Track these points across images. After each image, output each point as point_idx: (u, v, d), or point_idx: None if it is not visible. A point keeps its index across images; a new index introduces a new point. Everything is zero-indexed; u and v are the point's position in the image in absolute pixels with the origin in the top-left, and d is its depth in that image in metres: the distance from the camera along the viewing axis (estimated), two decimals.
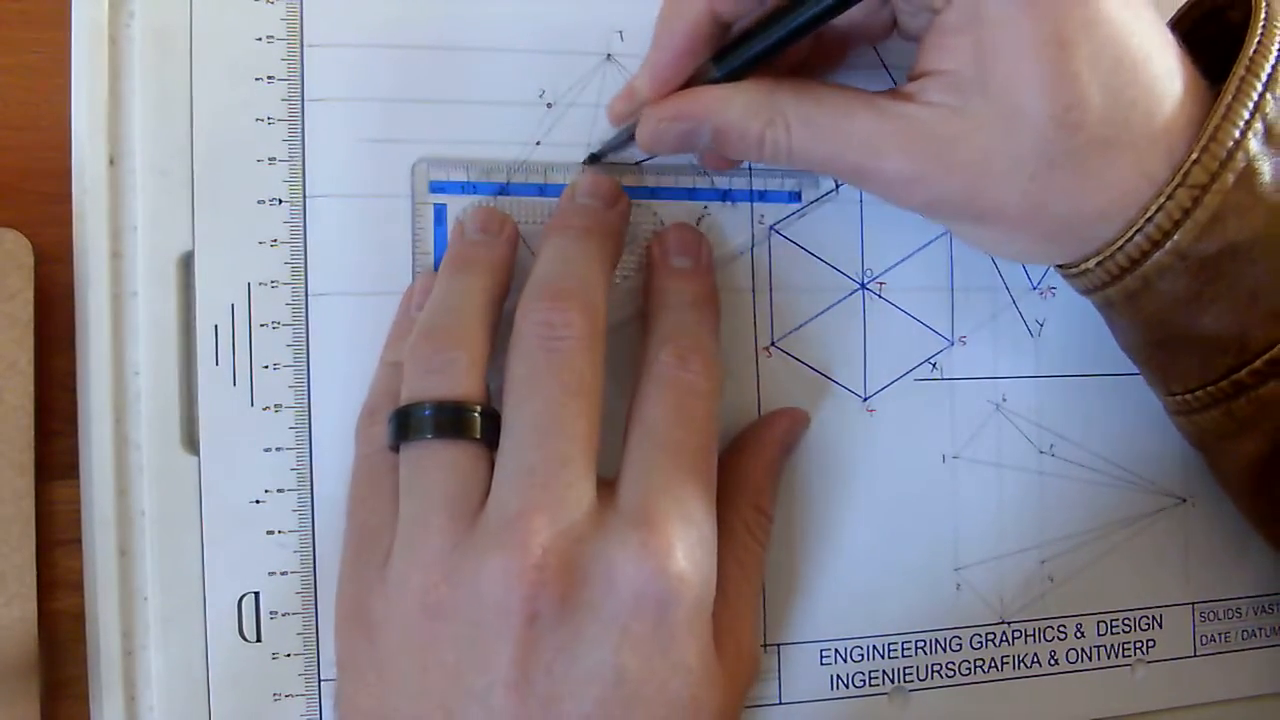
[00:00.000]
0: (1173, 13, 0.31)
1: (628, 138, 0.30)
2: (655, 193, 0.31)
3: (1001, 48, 0.25)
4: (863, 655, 0.33)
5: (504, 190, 0.30)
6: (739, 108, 0.27)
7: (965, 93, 0.26)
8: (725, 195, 0.32)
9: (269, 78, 0.29)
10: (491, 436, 0.25)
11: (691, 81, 0.28)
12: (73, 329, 0.28)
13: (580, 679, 0.24)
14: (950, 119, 0.26)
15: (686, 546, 0.25)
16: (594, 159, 0.30)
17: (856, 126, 0.27)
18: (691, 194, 0.31)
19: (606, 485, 0.26)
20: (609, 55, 0.31)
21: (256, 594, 0.29)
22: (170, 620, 0.28)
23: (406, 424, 0.26)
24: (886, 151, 0.27)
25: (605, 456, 0.26)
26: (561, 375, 0.25)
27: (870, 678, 0.33)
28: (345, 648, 0.26)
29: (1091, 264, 0.28)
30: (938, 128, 0.26)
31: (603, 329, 0.26)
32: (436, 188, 0.30)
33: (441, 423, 0.25)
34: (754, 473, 0.30)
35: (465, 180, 0.30)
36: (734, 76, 0.28)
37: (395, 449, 0.26)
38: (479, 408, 0.25)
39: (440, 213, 0.30)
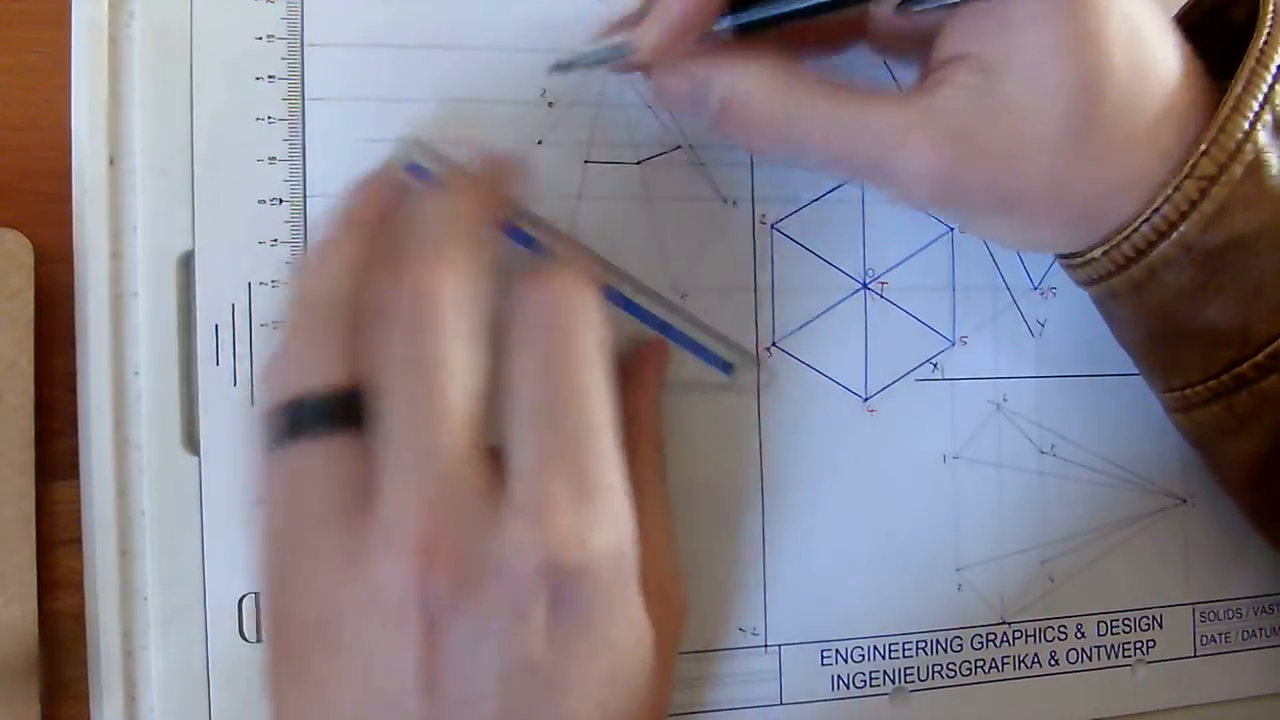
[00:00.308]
0: (1173, 12, 0.31)
1: (603, 61, 0.27)
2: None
3: (1029, 20, 0.25)
4: (863, 655, 0.33)
5: None
6: (753, 78, 0.26)
7: (991, 73, 0.26)
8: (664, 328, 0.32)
9: (269, 77, 0.29)
10: (360, 418, 0.23)
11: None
12: (73, 329, 0.28)
13: (491, 676, 0.22)
14: (975, 105, 0.26)
15: (585, 524, 0.23)
16: (562, 67, 0.28)
17: (879, 118, 0.26)
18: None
19: (495, 466, 0.23)
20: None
21: (257, 594, 0.29)
22: (170, 620, 0.28)
23: (290, 423, 0.24)
24: (909, 143, 0.26)
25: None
26: (432, 356, 0.23)
27: (871, 678, 0.33)
28: (271, 652, 0.24)
29: (1098, 253, 0.28)
30: (962, 113, 0.26)
31: (476, 295, 0.24)
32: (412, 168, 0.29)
33: (324, 417, 0.23)
34: (642, 411, 0.29)
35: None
36: (746, 32, 0.26)
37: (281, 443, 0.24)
38: (347, 394, 0.23)
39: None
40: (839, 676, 0.32)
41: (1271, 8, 0.27)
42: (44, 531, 0.28)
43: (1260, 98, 0.26)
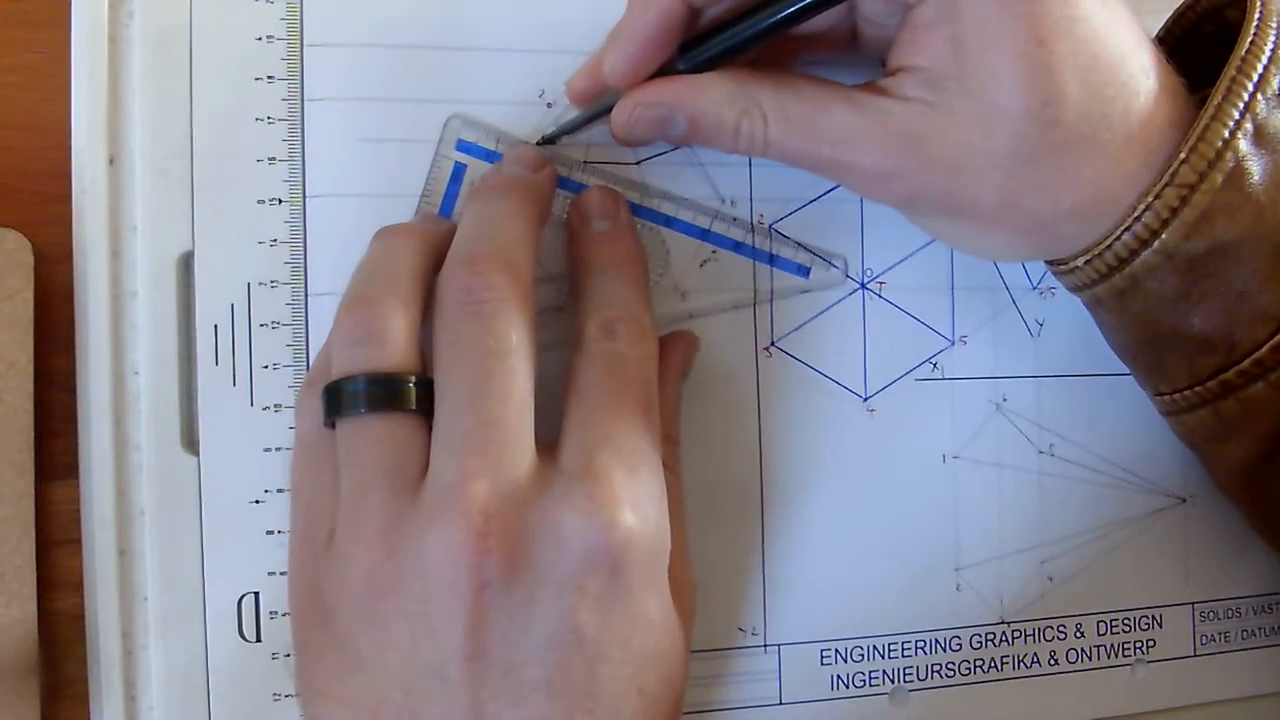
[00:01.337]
0: (1172, 12, 0.31)
1: (586, 120, 0.29)
2: (670, 222, 0.31)
3: (978, 43, 0.25)
4: (863, 655, 0.33)
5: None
6: (715, 97, 0.27)
7: (941, 88, 0.26)
8: (737, 247, 0.32)
9: (269, 78, 0.29)
10: (427, 406, 0.24)
11: (659, 72, 0.28)
12: (73, 329, 0.28)
13: (538, 644, 0.23)
14: (926, 115, 0.26)
15: (634, 498, 0.24)
16: (548, 140, 0.30)
17: (833, 120, 0.27)
18: (704, 234, 0.31)
19: (548, 448, 0.25)
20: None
21: (256, 594, 0.29)
22: (170, 620, 0.28)
23: (339, 399, 0.25)
24: (862, 146, 0.27)
25: (552, 420, 0.26)
26: (486, 339, 0.24)
27: (870, 678, 0.33)
28: (301, 630, 0.25)
29: (1080, 262, 0.28)
30: (913, 123, 0.26)
31: (527, 287, 0.25)
32: (463, 147, 0.30)
33: (374, 396, 0.24)
34: (664, 405, 0.29)
35: (493, 149, 0.30)
36: (699, 69, 0.28)
37: (331, 425, 0.25)
38: (413, 378, 0.25)
39: (458, 171, 0.30)
40: (838, 676, 0.32)
41: (1257, 16, 0.27)
42: (44, 531, 0.28)
43: (1241, 106, 0.26)
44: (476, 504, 0.23)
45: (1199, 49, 0.29)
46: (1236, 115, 0.26)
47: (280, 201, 0.29)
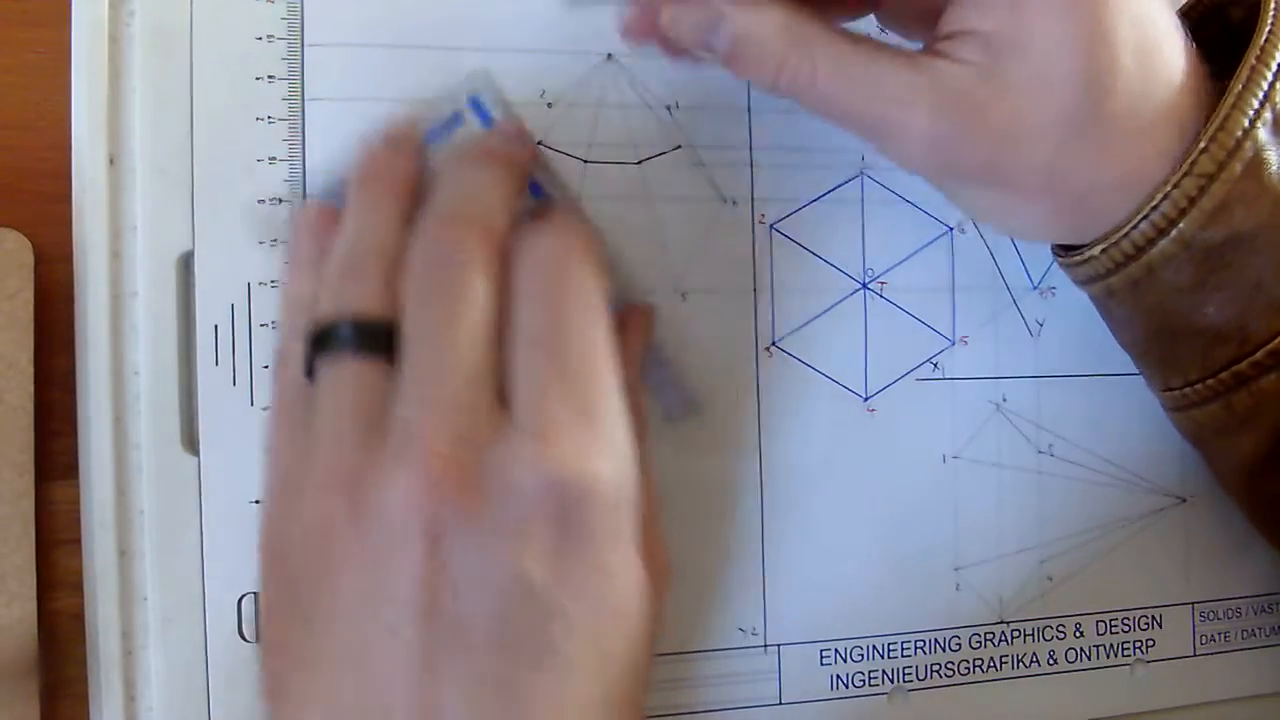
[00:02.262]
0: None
1: None
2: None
3: (1040, 9, 0.25)
4: (863, 655, 0.33)
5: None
6: (770, 20, 0.26)
7: (999, 54, 0.26)
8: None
9: (269, 77, 0.29)
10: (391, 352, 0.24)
11: None
12: (73, 329, 0.28)
13: (489, 596, 0.22)
14: (983, 79, 0.26)
15: (590, 445, 0.23)
16: (579, 1, 0.29)
17: (888, 77, 0.26)
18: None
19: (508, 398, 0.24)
20: (609, 55, 0.31)
21: (256, 594, 0.29)
22: (170, 620, 0.28)
23: (322, 342, 0.25)
24: (915, 107, 0.26)
25: None
26: (456, 290, 0.24)
27: (870, 678, 0.33)
28: (266, 590, 0.25)
29: (1097, 250, 0.28)
30: (969, 86, 0.26)
31: (502, 248, 0.25)
32: (473, 102, 0.29)
33: (353, 338, 0.24)
34: (626, 373, 0.29)
35: (494, 117, 0.29)
36: None
37: (310, 372, 0.25)
38: (394, 324, 0.24)
39: (455, 119, 0.29)
40: (838, 676, 0.32)
41: (1273, 7, 0.28)
42: (44, 531, 0.28)
43: (1260, 95, 0.26)
44: (431, 452, 0.22)
45: (1198, 49, 0.30)
46: (1256, 104, 0.26)
47: (280, 201, 0.29)
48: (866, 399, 0.33)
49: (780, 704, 0.32)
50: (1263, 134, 0.26)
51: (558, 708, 0.22)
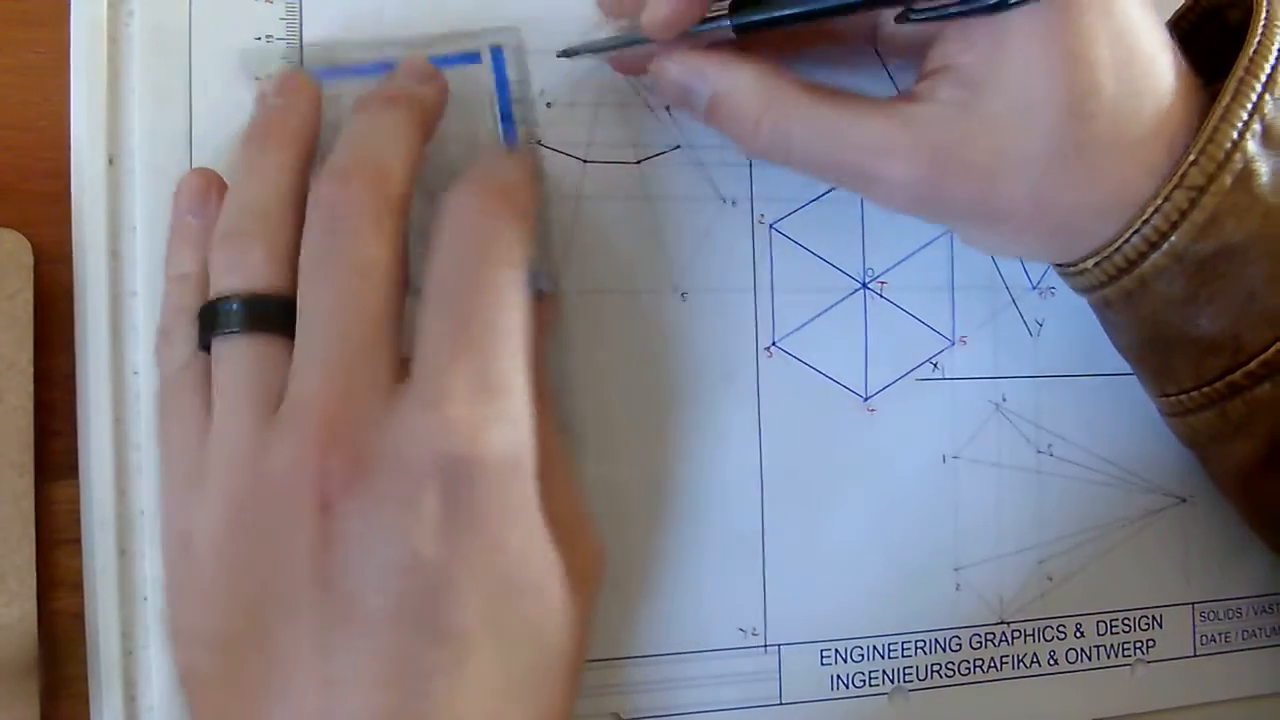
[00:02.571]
0: (1172, 11, 0.31)
1: (612, 46, 0.29)
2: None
3: (1020, 36, 0.25)
4: (862, 655, 0.33)
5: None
6: (744, 81, 0.27)
7: (978, 88, 0.26)
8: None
9: (269, 78, 0.29)
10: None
11: (705, 21, 0.26)
12: (73, 329, 0.28)
13: (379, 570, 0.22)
14: (961, 118, 0.26)
15: (482, 417, 0.23)
16: (569, 54, 0.29)
17: (864, 128, 0.27)
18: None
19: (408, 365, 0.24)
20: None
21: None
22: None
23: (213, 320, 0.24)
24: (893, 155, 0.26)
25: None
26: (347, 255, 0.24)
27: (870, 678, 0.33)
28: (168, 571, 0.25)
29: (1090, 264, 0.28)
30: (948, 128, 0.26)
31: (398, 202, 0.24)
32: (496, 55, 0.29)
33: (245, 316, 0.24)
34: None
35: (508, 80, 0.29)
36: (746, 34, 0.26)
37: (206, 349, 0.25)
38: (286, 299, 0.24)
39: (470, 56, 0.29)
40: (838, 676, 0.32)
41: (1264, 16, 0.27)
42: (44, 531, 0.28)
43: (1249, 107, 0.26)
44: (322, 421, 0.22)
45: (1196, 52, 0.29)
46: (1245, 116, 0.26)
47: None
48: (866, 399, 0.33)
49: (780, 704, 0.32)
50: (1252, 145, 0.26)
51: (456, 686, 0.22)
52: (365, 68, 0.29)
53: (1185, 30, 0.30)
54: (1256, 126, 0.26)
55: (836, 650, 0.32)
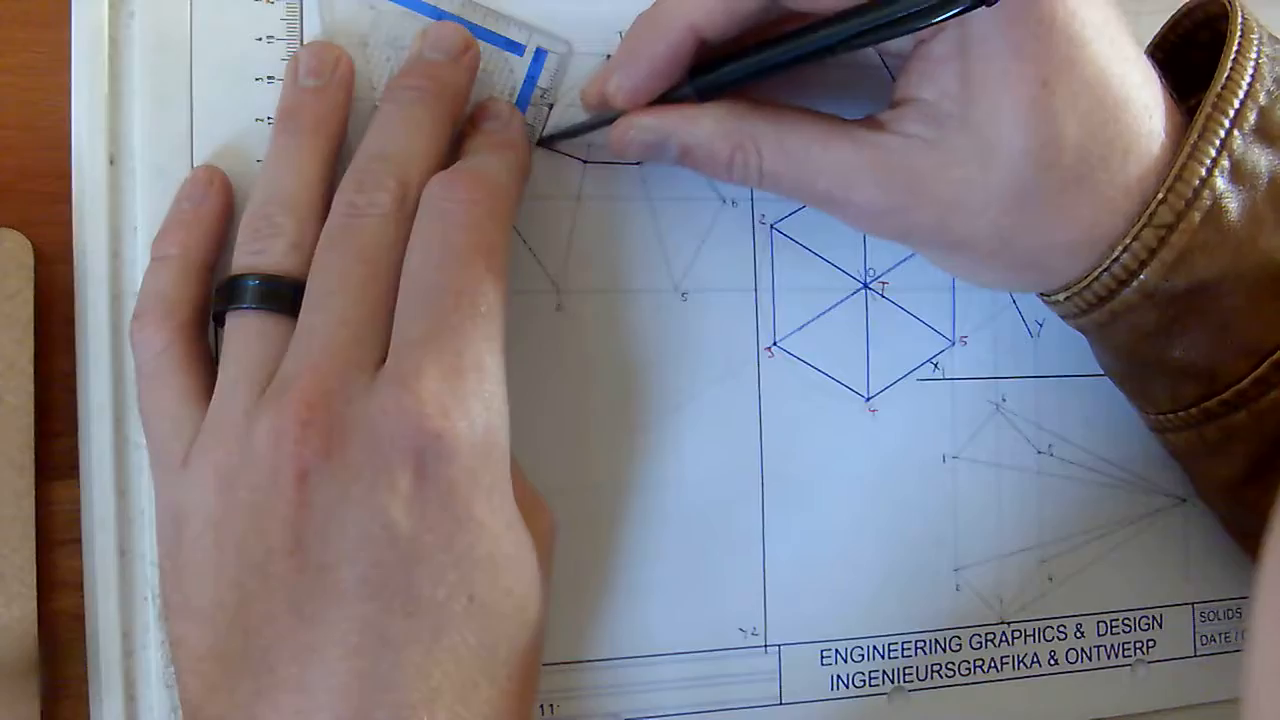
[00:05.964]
0: (1171, 14, 0.31)
1: (586, 127, 0.30)
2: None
3: (983, 80, 0.26)
4: (863, 655, 0.33)
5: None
6: (708, 128, 0.27)
7: (943, 124, 0.26)
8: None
9: (269, 78, 0.29)
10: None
11: (668, 94, 0.28)
12: (73, 329, 0.28)
13: (353, 542, 0.23)
14: (925, 151, 0.26)
15: (455, 395, 0.23)
16: (546, 142, 0.30)
17: (830, 156, 0.27)
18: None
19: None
20: (609, 55, 0.31)
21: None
22: None
23: (230, 294, 0.26)
24: (859, 182, 0.27)
25: None
26: (357, 247, 0.25)
27: (870, 678, 0.33)
28: (161, 549, 0.25)
29: (1061, 297, 0.29)
30: (912, 159, 0.26)
31: (414, 204, 0.25)
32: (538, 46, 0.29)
33: (259, 294, 0.25)
34: None
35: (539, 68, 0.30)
36: (708, 95, 0.28)
37: (220, 320, 0.26)
38: (300, 283, 0.25)
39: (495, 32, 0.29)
40: (838, 676, 0.32)
41: (1234, 50, 0.27)
42: (44, 531, 0.28)
43: (1216, 144, 0.26)
44: (305, 395, 0.23)
45: (1194, 55, 0.30)
46: (1213, 153, 0.26)
47: None
48: (868, 399, 0.33)
49: (780, 704, 0.32)
50: (1220, 182, 0.26)
51: (430, 656, 0.23)
52: (418, 2, 0.29)
53: (1180, 35, 0.30)
54: (1225, 162, 0.26)
55: (836, 650, 0.32)
